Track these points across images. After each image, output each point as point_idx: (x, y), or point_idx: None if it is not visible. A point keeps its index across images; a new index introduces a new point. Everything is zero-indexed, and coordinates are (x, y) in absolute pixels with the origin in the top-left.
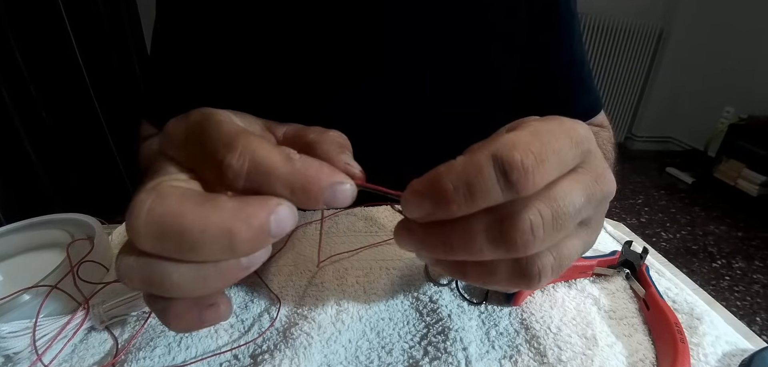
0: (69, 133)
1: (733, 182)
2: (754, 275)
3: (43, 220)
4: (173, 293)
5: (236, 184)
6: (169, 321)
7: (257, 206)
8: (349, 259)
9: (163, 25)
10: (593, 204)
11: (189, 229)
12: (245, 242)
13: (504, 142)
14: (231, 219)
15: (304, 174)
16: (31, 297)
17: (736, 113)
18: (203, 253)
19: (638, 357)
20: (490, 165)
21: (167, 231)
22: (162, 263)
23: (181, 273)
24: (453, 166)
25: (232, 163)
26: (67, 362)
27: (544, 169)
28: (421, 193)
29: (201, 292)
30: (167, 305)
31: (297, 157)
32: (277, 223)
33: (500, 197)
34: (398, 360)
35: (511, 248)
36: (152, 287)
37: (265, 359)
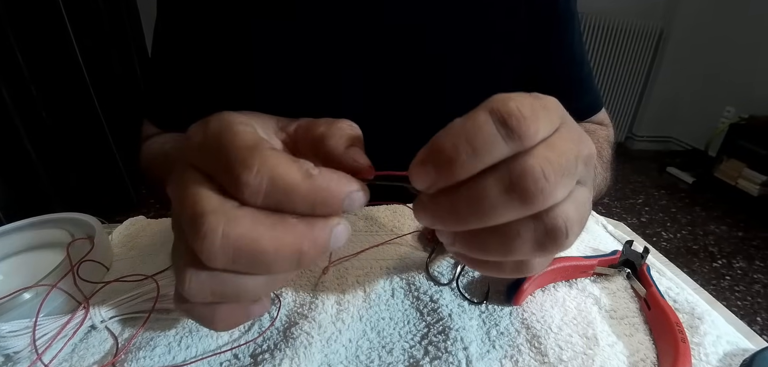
0: (69, 132)
1: (734, 182)
2: (754, 275)
3: (44, 219)
4: (243, 299)
5: (254, 201)
6: (216, 323)
7: (322, 227)
8: (349, 259)
9: (164, 24)
10: (582, 161)
11: (265, 251)
12: (310, 258)
13: (498, 97)
14: (301, 240)
15: (326, 190)
16: (32, 296)
17: (736, 113)
18: (274, 269)
19: (639, 357)
20: (488, 119)
21: (244, 254)
22: (236, 277)
23: (255, 283)
24: (452, 127)
25: (250, 181)
26: (67, 361)
27: (538, 118)
28: (425, 160)
29: (269, 293)
30: (216, 308)
31: (316, 172)
32: (335, 239)
33: (504, 148)
34: (399, 360)
35: (526, 197)
36: (223, 298)
37: (265, 359)
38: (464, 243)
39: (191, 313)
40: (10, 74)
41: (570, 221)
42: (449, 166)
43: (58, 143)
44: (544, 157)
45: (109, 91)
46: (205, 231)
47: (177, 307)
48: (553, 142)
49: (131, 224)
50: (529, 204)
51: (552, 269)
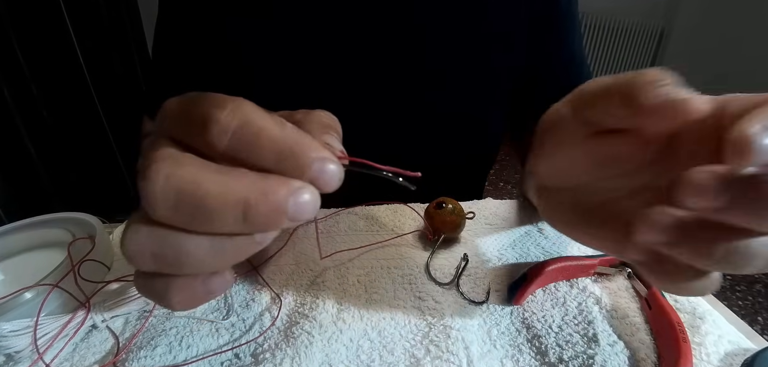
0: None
1: None
2: (755, 275)
3: (44, 219)
4: (186, 268)
5: (220, 141)
6: (172, 297)
7: (277, 181)
8: (350, 258)
9: (166, 22)
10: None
11: (207, 196)
12: (260, 216)
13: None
14: (248, 189)
15: (294, 140)
16: (33, 296)
17: None
18: (219, 223)
19: (640, 356)
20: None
21: (185, 198)
22: (177, 234)
23: (196, 244)
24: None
25: (220, 117)
26: (68, 360)
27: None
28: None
29: (214, 267)
30: (170, 281)
31: (289, 125)
32: (296, 206)
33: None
34: (400, 359)
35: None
36: (164, 262)
37: (266, 358)
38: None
39: (148, 289)
40: (11, 73)
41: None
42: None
43: (59, 143)
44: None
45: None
46: (149, 173)
47: (135, 285)
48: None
49: None
50: None
51: (553, 269)
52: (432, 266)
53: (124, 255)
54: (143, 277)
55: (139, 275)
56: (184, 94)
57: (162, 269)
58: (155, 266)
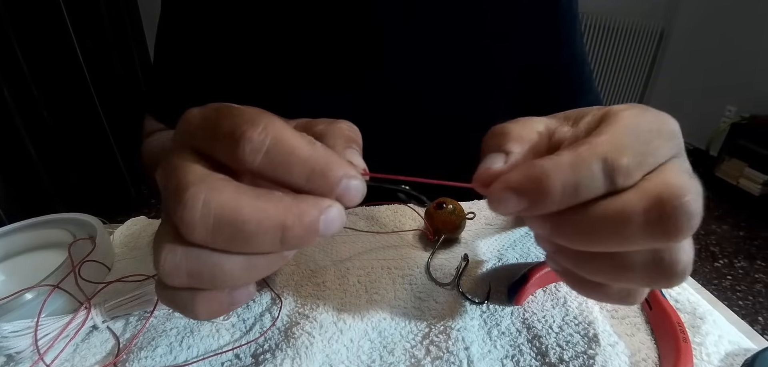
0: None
1: (735, 182)
2: (756, 275)
3: (45, 219)
4: (219, 285)
5: (253, 160)
6: (197, 310)
7: (311, 203)
8: (350, 258)
9: (168, 20)
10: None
11: (246, 221)
12: (296, 237)
13: (612, 144)
14: (285, 214)
15: (325, 160)
16: (33, 297)
17: (737, 112)
18: (256, 246)
19: (641, 357)
20: (599, 167)
21: (224, 224)
22: (214, 254)
23: (232, 263)
24: (559, 165)
25: (253, 136)
26: (69, 361)
27: (643, 169)
28: (520, 190)
29: (248, 281)
30: (197, 294)
31: (318, 144)
32: (327, 223)
33: (599, 193)
34: (400, 360)
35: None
36: (200, 280)
37: (266, 359)
38: (574, 261)
39: (172, 300)
40: (12, 74)
41: (689, 261)
42: (545, 205)
43: (60, 143)
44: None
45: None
46: (186, 199)
47: (158, 295)
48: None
49: (133, 224)
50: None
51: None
52: (432, 266)
53: (158, 273)
54: (169, 289)
55: (165, 287)
56: (207, 106)
57: (195, 286)
58: (189, 283)
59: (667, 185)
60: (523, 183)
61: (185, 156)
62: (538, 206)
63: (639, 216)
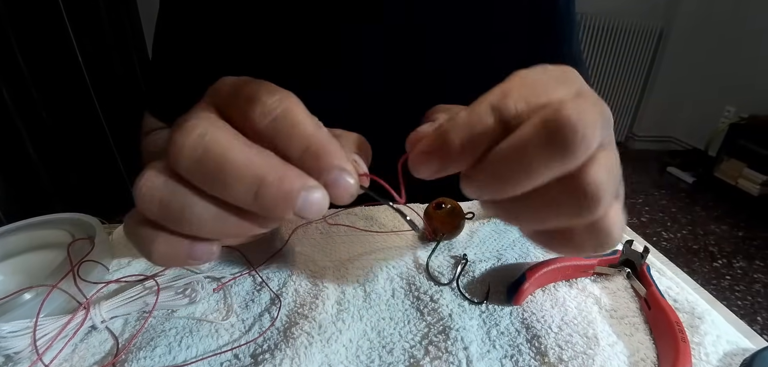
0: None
1: (734, 182)
2: (754, 275)
3: (44, 219)
4: (185, 227)
5: (260, 121)
6: (155, 248)
7: (296, 174)
8: (349, 258)
9: (166, 18)
10: (605, 121)
11: (231, 162)
12: (270, 197)
13: (496, 92)
14: (268, 170)
15: (324, 143)
16: (32, 297)
17: (736, 113)
18: (231, 191)
19: (639, 357)
20: (488, 112)
21: (210, 157)
22: (189, 193)
23: (204, 207)
24: (456, 120)
25: (267, 101)
26: (68, 361)
27: (531, 104)
28: (430, 152)
29: (210, 234)
30: (159, 233)
31: (325, 130)
32: (305, 202)
33: (496, 138)
34: (399, 360)
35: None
36: (168, 212)
37: (265, 359)
38: (506, 213)
39: (134, 233)
40: (11, 75)
41: (600, 178)
42: (452, 161)
43: (59, 144)
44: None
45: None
46: (186, 126)
47: (125, 228)
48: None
49: None
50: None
51: (552, 269)
52: (431, 266)
53: (134, 194)
54: (135, 222)
55: (132, 219)
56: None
57: (162, 220)
58: (158, 214)
59: (551, 106)
60: (430, 145)
61: (204, 106)
62: (447, 162)
63: (531, 142)
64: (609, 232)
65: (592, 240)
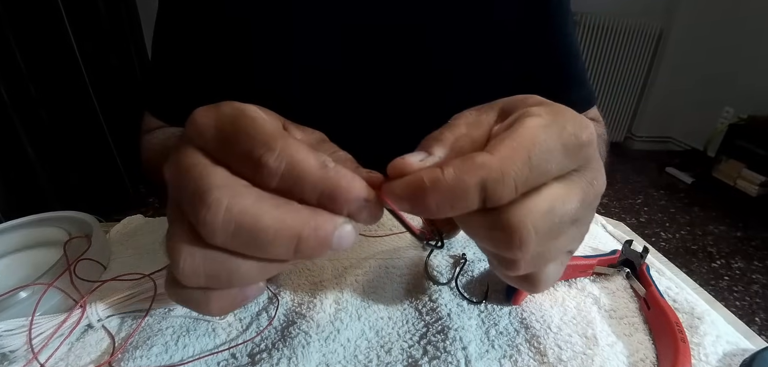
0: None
1: (733, 182)
2: (753, 275)
3: (41, 218)
4: (234, 285)
5: (269, 183)
6: (211, 306)
7: (327, 219)
8: (348, 258)
9: (165, 16)
10: (585, 206)
11: (265, 229)
12: (309, 248)
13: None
14: (302, 225)
15: (335, 182)
16: (28, 295)
17: (735, 113)
18: (271, 251)
19: (639, 357)
20: (476, 192)
21: (244, 229)
22: (231, 257)
23: (249, 266)
24: (439, 184)
25: (270, 163)
26: (64, 360)
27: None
28: (402, 197)
29: (260, 280)
30: (211, 292)
31: (331, 165)
32: (339, 239)
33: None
34: (397, 359)
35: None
36: (217, 281)
37: (263, 358)
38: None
39: (185, 298)
40: (9, 73)
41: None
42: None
43: (57, 142)
44: (532, 225)
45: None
46: (210, 202)
47: (169, 293)
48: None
49: (129, 222)
50: (505, 252)
51: None
52: (430, 265)
53: (176, 274)
54: (180, 288)
55: (175, 286)
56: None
57: (211, 286)
58: (206, 284)
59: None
60: (404, 192)
61: (200, 158)
62: (419, 213)
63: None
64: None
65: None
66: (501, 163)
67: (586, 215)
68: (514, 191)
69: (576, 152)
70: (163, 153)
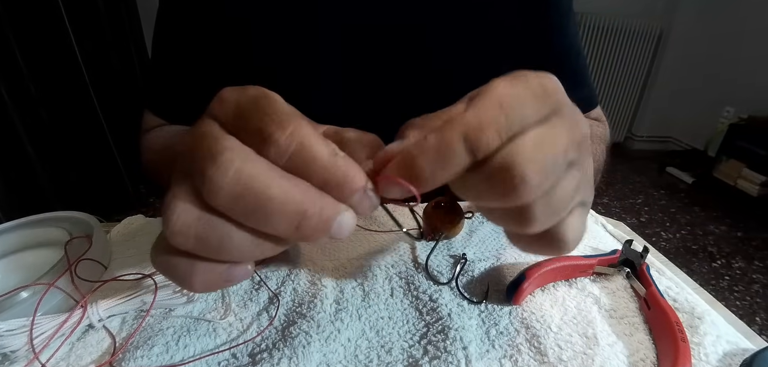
0: (68, 131)
1: (733, 182)
2: (753, 275)
3: (41, 218)
4: (223, 256)
5: (278, 160)
6: (194, 279)
7: (332, 203)
8: (348, 257)
9: (166, 15)
10: (575, 145)
11: (272, 198)
12: (310, 228)
13: (471, 122)
14: (309, 203)
15: (344, 172)
16: (29, 295)
17: (736, 113)
18: (273, 225)
19: (639, 356)
20: (461, 144)
21: (250, 194)
22: (227, 224)
23: (241, 237)
24: (424, 147)
25: (281, 140)
26: (65, 360)
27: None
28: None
29: (247, 259)
30: (196, 263)
31: (341, 154)
32: (339, 226)
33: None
34: (398, 359)
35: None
36: (206, 246)
37: (263, 358)
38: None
39: (169, 265)
40: (10, 73)
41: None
42: (419, 185)
43: (57, 142)
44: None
45: (108, 90)
46: (221, 161)
47: (153, 260)
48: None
49: (130, 222)
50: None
51: (551, 269)
52: (430, 265)
53: (167, 229)
54: (166, 254)
55: (162, 252)
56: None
57: (198, 252)
58: (194, 247)
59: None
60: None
61: (217, 128)
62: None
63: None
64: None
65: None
66: (477, 114)
67: (581, 157)
68: (497, 136)
69: (545, 97)
70: (163, 152)
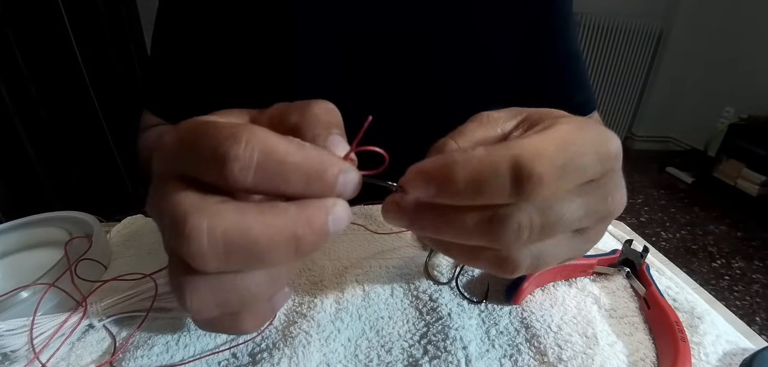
0: (68, 132)
1: (733, 182)
2: (753, 275)
3: (42, 218)
4: (250, 304)
5: (244, 178)
6: (245, 326)
7: (317, 207)
8: (348, 257)
9: (165, 14)
10: (594, 218)
11: (257, 240)
12: (309, 244)
13: (528, 149)
14: (294, 224)
15: (319, 160)
16: (29, 295)
17: (736, 113)
18: (273, 261)
19: (639, 356)
20: (508, 170)
21: (235, 247)
22: (236, 277)
23: (255, 281)
24: (470, 160)
25: (239, 154)
26: (65, 360)
27: (559, 185)
28: (430, 177)
29: (274, 292)
30: (237, 316)
31: (307, 145)
32: (334, 222)
33: (505, 199)
34: (398, 359)
35: (496, 243)
36: (230, 306)
37: (263, 358)
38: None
39: (215, 328)
40: (10, 74)
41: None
42: (451, 195)
43: (57, 143)
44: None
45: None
46: (188, 231)
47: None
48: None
49: (130, 222)
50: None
51: (551, 269)
52: (430, 264)
53: (188, 312)
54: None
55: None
56: (179, 127)
57: (228, 310)
58: (222, 310)
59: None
60: (432, 169)
61: (171, 185)
62: (444, 193)
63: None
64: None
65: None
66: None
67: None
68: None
69: (605, 160)
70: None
